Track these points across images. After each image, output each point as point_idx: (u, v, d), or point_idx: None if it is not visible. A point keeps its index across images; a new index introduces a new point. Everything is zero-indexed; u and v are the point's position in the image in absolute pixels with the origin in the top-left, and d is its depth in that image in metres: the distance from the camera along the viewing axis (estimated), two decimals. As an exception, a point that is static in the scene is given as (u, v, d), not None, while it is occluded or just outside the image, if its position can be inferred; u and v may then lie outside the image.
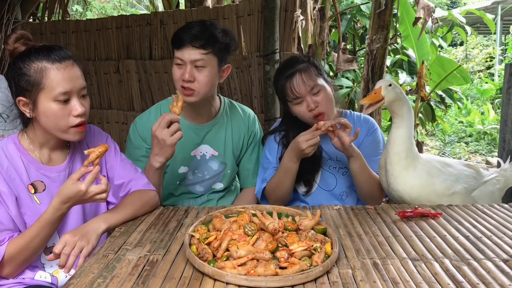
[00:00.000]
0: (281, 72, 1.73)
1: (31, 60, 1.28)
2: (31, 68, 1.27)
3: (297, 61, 1.73)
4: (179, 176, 1.83)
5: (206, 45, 1.61)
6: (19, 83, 1.28)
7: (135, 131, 1.79)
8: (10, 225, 1.28)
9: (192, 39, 1.61)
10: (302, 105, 1.68)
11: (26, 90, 1.28)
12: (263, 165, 1.84)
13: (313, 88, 1.66)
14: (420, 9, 3.26)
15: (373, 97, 1.58)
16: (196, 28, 1.63)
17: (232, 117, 1.89)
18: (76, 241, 1.21)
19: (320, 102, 1.67)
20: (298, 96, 1.67)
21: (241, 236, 1.11)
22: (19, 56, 1.30)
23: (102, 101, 3.39)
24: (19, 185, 1.31)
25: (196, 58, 1.62)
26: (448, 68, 4.18)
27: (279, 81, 1.71)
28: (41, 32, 3.44)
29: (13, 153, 1.33)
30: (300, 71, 1.67)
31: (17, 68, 1.29)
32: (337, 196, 1.84)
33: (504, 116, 2.39)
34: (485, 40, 12.85)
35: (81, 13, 9.62)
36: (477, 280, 0.99)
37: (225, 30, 1.72)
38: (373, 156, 1.75)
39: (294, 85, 1.66)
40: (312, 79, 1.67)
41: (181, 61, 1.63)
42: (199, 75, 1.63)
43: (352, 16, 4.68)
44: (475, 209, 1.47)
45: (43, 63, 1.27)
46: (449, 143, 7.02)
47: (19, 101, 1.30)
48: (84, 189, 1.21)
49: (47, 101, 1.28)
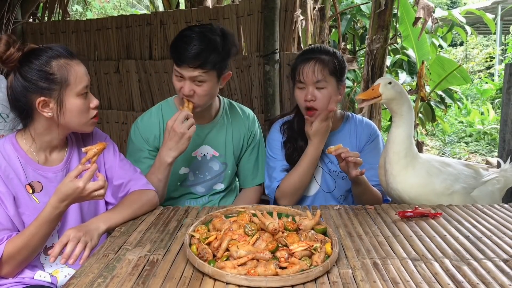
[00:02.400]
0: (304, 53, 1.76)
1: (49, 58, 1.28)
2: (53, 66, 1.27)
3: (323, 50, 1.73)
4: (180, 177, 1.83)
5: (204, 64, 1.59)
6: (38, 83, 1.27)
7: (137, 133, 1.79)
8: (8, 224, 1.27)
9: (190, 59, 1.58)
10: (302, 91, 1.69)
11: (49, 89, 1.27)
12: (269, 163, 1.84)
13: (319, 81, 1.67)
14: (420, 9, 3.26)
15: (370, 93, 1.58)
16: (194, 45, 1.58)
17: (232, 118, 1.90)
18: (80, 236, 1.21)
19: (317, 98, 1.66)
20: (302, 81, 1.68)
21: (241, 236, 1.11)
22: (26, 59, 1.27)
23: (102, 101, 3.39)
24: (17, 185, 1.31)
25: (195, 75, 1.61)
26: (448, 68, 4.19)
27: (297, 60, 1.73)
28: (41, 32, 3.44)
29: (11, 153, 1.33)
30: (318, 60, 1.67)
31: (34, 69, 1.27)
32: (336, 198, 1.84)
33: (504, 116, 2.39)
34: (485, 40, 12.85)
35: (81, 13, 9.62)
36: (477, 280, 0.99)
37: (225, 34, 1.67)
38: (374, 164, 1.74)
39: (304, 69, 1.67)
40: (323, 73, 1.67)
41: (180, 74, 1.63)
42: (198, 88, 1.63)
43: (352, 16, 4.69)
44: (475, 209, 1.47)
45: (62, 60, 1.29)
46: (449, 143, 7.02)
47: (38, 103, 1.28)
48: (82, 186, 1.21)
49: (73, 97, 1.31)
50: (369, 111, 3.02)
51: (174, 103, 1.83)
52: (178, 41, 1.64)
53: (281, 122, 1.87)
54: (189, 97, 1.65)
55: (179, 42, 1.63)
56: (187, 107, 1.63)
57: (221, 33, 1.66)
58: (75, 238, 1.20)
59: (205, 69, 1.60)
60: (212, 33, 1.64)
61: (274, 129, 1.86)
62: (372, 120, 2.81)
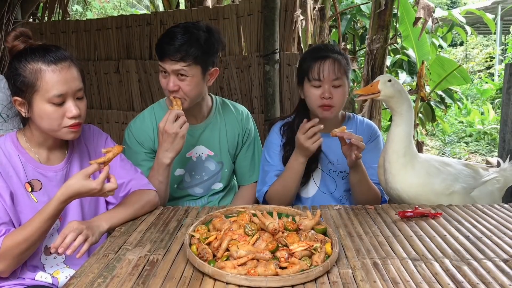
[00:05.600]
0: (314, 51, 1.75)
1: (27, 60, 1.27)
2: (27, 69, 1.26)
3: (333, 49, 1.74)
4: (176, 179, 1.82)
5: (185, 57, 1.60)
6: (15, 83, 1.28)
7: (131, 137, 1.78)
8: (6, 218, 1.26)
9: (171, 52, 1.60)
10: (318, 90, 1.68)
11: (21, 91, 1.28)
12: (264, 167, 1.84)
13: (337, 79, 1.67)
14: (420, 9, 3.26)
15: (369, 89, 1.58)
16: (177, 38, 1.60)
17: (225, 116, 1.89)
18: (83, 229, 1.22)
19: (335, 96, 1.67)
20: (320, 79, 1.67)
21: (241, 236, 1.11)
22: (16, 56, 1.30)
23: (102, 101, 3.39)
24: (16, 183, 1.31)
25: (177, 69, 1.62)
26: (448, 68, 4.19)
27: (308, 59, 1.71)
28: (41, 32, 3.44)
29: (11, 151, 1.33)
30: (335, 59, 1.68)
31: (13, 68, 1.29)
32: (337, 199, 1.84)
33: (504, 116, 2.39)
34: (485, 40, 12.84)
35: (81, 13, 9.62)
36: (477, 280, 0.99)
37: (210, 31, 1.68)
38: (373, 163, 1.74)
39: (323, 67, 1.66)
40: (340, 72, 1.68)
41: (165, 70, 1.64)
42: (182, 84, 1.64)
43: (352, 16, 4.69)
44: (475, 209, 1.47)
45: (39, 64, 1.26)
46: (449, 143, 7.02)
47: (15, 101, 1.31)
48: (99, 188, 1.22)
49: (42, 103, 1.27)
50: (369, 111, 3.02)
51: (166, 104, 1.83)
52: (162, 37, 1.66)
53: (281, 123, 1.87)
54: (174, 93, 1.64)
55: (163, 38, 1.65)
56: (176, 105, 1.62)
57: (206, 29, 1.67)
58: (77, 229, 1.21)
59: (187, 62, 1.60)
60: (196, 28, 1.66)
61: (274, 131, 1.86)
62: (372, 120, 2.81)
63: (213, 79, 1.75)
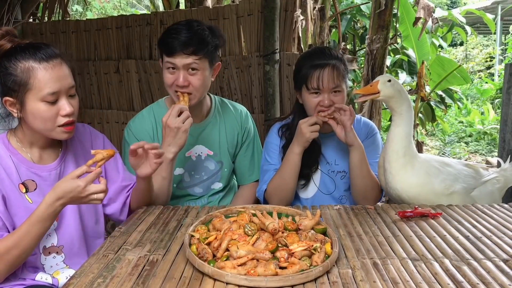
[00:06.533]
0: (310, 58, 1.72)
1: (17, 59, 1.24)
2: (18, 68, 1.24)
3: (330, 54, 1.72)
4: (176, 179, 1.82)
5: (197, 50, 1.61)
6: (5, 83, 1.25)
7: (131, 135, 1.78)
8: None
9: (183, 46, 1.60)
10: (317, 97, 1.68)
11: (13, 90, 1.25)
12: (263, 167, 1.84)
13: (336, 87, 1.67)
14: (420, 9, 3.26)
15: (368, 89, 1.59)
16: (184, 33, 1.62)
17: (224, 115, 1.89)
18: None
19: (334, 101, 1.67)
20: (319, 88, 1.67)
21: (241, 236, 1.11)
22: (5, 55, 1.27)
23: (102, 101, 3.39)
24: (9, 185, 1.29)
25: (189, 63, 1.62)
26: (448, 68, 4.18)
27: (306, 66, 1.69)
28: (41, 32, 3.44)
29: (2, 152, 1.31)
30: (333, 67, 1.67)
31: (3, 67, 1.26)
32: (337, 199, 1.84)
33: (504, 116, 2.39)
34: (485, 40, 12.84)
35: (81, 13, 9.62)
36: (477, 280, 0.99)
37: (212, 28, 1.70)
38: (372, 160, 1.74)
39: (322, 77, 1.65)
40: (339, 79, 1.67)
41: (173, 66, 1.64)
42: (193, 78, 1.64)
43: (352, 16, 4.68)
44: (475, 209, 1.47)
45: (30, 62, 1.24)
46: (449, 143, 7.02)
47: (5, 101, 1.28)
48: (83, 185, 1.17)
49: (35, 102, 1.25)
50: (369, 111, 3.02)
51: (165, 104, 1.83)
52: (167, 34, 1.65)
53: (280, 125, 1.86)
54: (184, 88, 1.64)
55: (168, 34, 1.65)
56: (183, 101, 1.62)
57: (206, 26, 1.70)
58: None
59: (199, 55, 1.62)
60: (198, 24, 1.68)
61: (272, 132, 1.86)
62: (372, 120, 2.81)
63: (216, 74, 1.76)
